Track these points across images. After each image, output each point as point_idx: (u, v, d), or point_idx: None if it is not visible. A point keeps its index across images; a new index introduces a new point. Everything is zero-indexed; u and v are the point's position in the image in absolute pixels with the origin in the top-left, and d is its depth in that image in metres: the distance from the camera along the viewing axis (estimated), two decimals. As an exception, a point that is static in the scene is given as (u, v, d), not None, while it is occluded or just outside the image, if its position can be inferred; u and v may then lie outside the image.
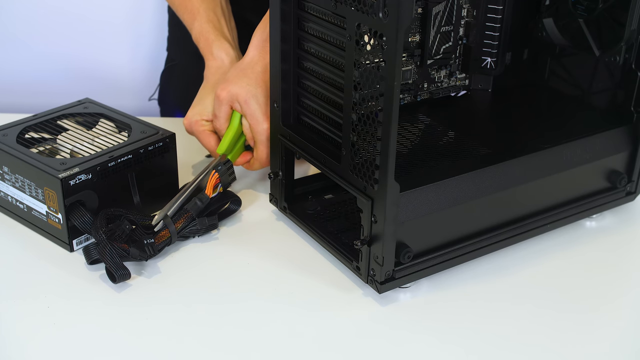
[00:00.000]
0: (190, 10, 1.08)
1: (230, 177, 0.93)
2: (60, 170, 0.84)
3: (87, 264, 0.84)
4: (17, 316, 0.78)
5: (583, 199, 0.93)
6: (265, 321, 0.78)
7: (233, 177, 0.94)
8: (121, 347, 0.74)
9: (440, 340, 0.76)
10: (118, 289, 0.82)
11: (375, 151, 0.73)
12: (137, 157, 0.90)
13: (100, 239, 0.81)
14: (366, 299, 0.81)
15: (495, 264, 0.87)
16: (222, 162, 0.92)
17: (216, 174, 0.90)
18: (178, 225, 0.87)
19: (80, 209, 0.84)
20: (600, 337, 0.78)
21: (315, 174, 0.98)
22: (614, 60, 0.92)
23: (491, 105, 1.01)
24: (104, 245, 0.80)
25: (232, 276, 0.85)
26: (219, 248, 0.90)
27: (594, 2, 0.92)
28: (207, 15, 1.06)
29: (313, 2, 0.80)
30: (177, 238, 0.87)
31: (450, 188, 0.80)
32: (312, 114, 0.86)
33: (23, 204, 0.90)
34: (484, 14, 0.95)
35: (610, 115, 0.95)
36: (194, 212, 0.88)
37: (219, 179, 0.90)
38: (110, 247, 0.80)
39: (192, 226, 0.88)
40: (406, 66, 0.92)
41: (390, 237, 0.76)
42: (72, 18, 1.59)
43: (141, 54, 1.65)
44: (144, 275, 0.84)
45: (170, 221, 0.86)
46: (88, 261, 0.83)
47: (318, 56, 0.82)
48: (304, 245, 0.90)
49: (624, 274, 0.88)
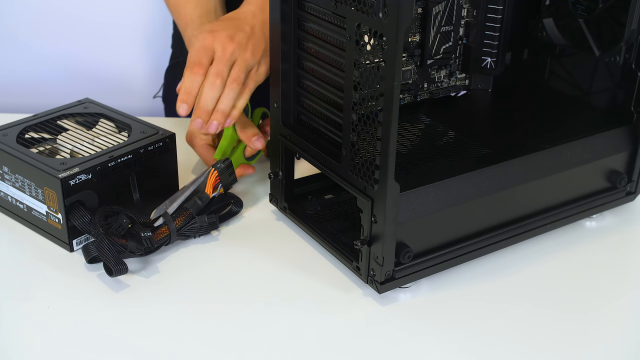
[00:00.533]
0: (183, 16, 1.08)
1: (230, 177, 0.93)
2: (60, 170, 0.84)
3: (86, 263, 0.84)
4: (17, 316, 0.78)
5: (583, 199, 0.93)
6: (265, 321, 0.78)
7: (234, 177, 0.93)
8: (121, 347, 0.74)
9: (440, 340, 0.76)
10: (118, 289, 0.82)
11: (375, 151, 0.73)
12: (137, 157, 0.90)
13: (97, 233, 0.81)
14: (366, 299, 0.81)
15: (495, 264, 0.87)
16: (222, 160, 0.92)
17: (215, 172, 0.89)
18: (177, 223, 0.87)
19: (80, 209, 0.85)
20: (601, 338, 0.78)
21: (315, 174, 0.98)
22: (614, 60, 0.92)
23: (491, 105, 1.01)
24: (101, 240, 0.80)
25: (232, 276, 0.85)
26: (219, 248, 0.89)
27: (594, 2, 0.92)
28: (200, 21, 1.06)
29: (313, 2, 0.80)
30: (177, 237, 0.87)
31: (450, 188, 0.80)
32: (312, 114, 0.86)
33: (23, 204, 0.90)
34: (484, 14, 0.96)
35: (610, 115, 0.95)
36: (194, 210, 0.88)
37: (218, 177, 0.90)
38: (108, 242, 0.80)
39: (192, 225, 0.88)
40: (406, 66, 0.92)
41: (390, 237, 0.76)
42: (75, 18, 1.59)
43: (144, 52, 1.65)
44: (143, 275, 0.84)
45: (170, 218, 0.86)
46: (87, 259, 0.83)
47: (318, 56, 0.82)
48: (304, 245, 0.90)
49: (624, 274, 0.88)
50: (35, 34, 1.60)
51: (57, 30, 1.60)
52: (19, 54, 1.62)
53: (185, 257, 0.87)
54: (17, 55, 1.62)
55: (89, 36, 1.61)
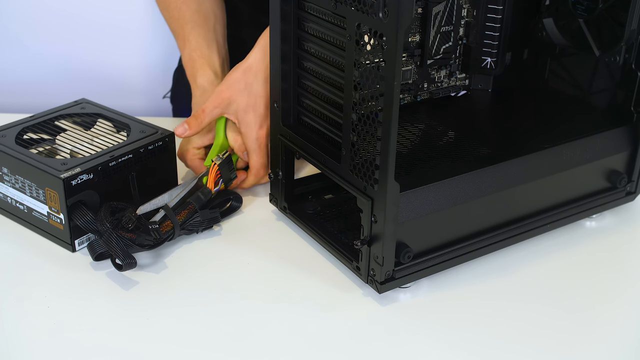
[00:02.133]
0: (182, 37, 1.08)
1: (230, 172, 0.93)
2: (61, 170, 0.84)
3: (92, 260, 0.84)
4: (18, 317, 0.78)
5: (583, 199, 0.93)
6: (265, 321, 0.78)
7: (234, 173, 0.94)
8: (121, 347, 0.74)
9: (440, 340, 0.76)
10: (118, 289, 0.81)
11: (375, 151, 0.73)
12: (137, 156, 0.90)
13: (105, 228, 0.81)
14: (366, 299, 0.81)
15: (495, 264, 0.87)
16: (221, 154, 0.92)
17: (216, 166, 0.90)
18: (181, 218, 0.87)
19: (82, 208, 0.85)
20: (601, 337, 0.78)
21: (315, 174, 0.98)
22: (614, 60, 0.92)
23: (491, 105, 1.01)
24: (109, 234, 0.81)
25: (231, 276, 0.85)
26: (218, 248, 0.89)
27: (594, 2, 0.92)
28: (196, 42, 1.05)
29: (313, 2, 0.80)
30: (180, 231, 0.87)
31: (450, 188, 0.80)
32: (312, 114, 0.86)
33: (23, 205, 0.90)
34: (484, 14, 0.96)
35: (610, 115, 0.95)
36: (197, 204, 0.88)
37: (219, 172, 0.90)
38: (117, 236, 0.80)
39: (195, 219, 0.88)
40: (406, 66, 0.92)
41: (390, 237, 0.76)
42: (71, 18, 1.59)
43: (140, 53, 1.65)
44: (144, 275, 0.84)
45: (172, 212, 0.86)
46: (93, 256, 0.83)
47: (318, 56, 0.82)
48: (304, 245, 0.90)
49: (623, 274, 0.88)
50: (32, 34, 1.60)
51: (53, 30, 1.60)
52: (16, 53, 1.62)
53: (185, 257, 0.87)
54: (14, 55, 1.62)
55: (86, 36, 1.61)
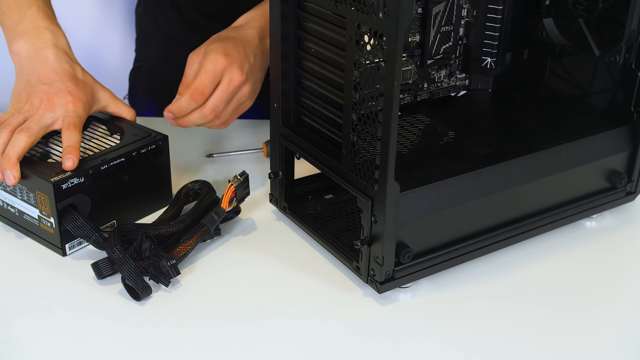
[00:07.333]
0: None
1: (245, 191, 0.91)
2: (52, 173, 0.83)
3: (97, 280, 0.83)
4: (16, 318, 0.78)
5: (583, 199, 0.93)
6: (265, 321, 0.78)
7: (247, 191, 0.92)
8: (121, 347, 0.74)
9: (440, 340, 0.76)
10: (116, 291, 0.81)
11: (375, 151, 0.73)
12: (129, 160, 0.90)
13: (117, 257, 0.80)
14: (366, 299, 0.81)
15: (495, 263, 0.87)
16: (239, 175, 0.90)
17: (232, 186, 0.88)
18: (194, 242, 0.85)
19: (73, 212, 0.83)
20: (601, 337, 0.78)
21: (315, 174, 0.98)
22: (614, 60, 0.92)
23: (491, 105, 1.01)
24: (122, 263, 0.79)
25: (231, 276, 0.85)
26: (218, 248, 0.89)
27: (594, 2, 0.92)
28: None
29: (313, 2, 0.80)
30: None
31: (450, 188, 0.80)
32: (312, 114, 0.86)
33: (14, 208, 0.89)
34: (484, 14, 0.95)
35: (610, 115, 0.95)
36: (211, 225, 0.86)
37: (234, 192, 0.89)
38: (135, 266, 0.79)
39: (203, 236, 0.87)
40: (406, 66, 0.92)
41: (390, 237, 0.76)
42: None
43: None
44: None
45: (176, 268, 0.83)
46: (99, 277, 0.82)
47: (318, 56, 0.82)
48: (304, 245, 0.90)
49: (623, 274, 0.88)
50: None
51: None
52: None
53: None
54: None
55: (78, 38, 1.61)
